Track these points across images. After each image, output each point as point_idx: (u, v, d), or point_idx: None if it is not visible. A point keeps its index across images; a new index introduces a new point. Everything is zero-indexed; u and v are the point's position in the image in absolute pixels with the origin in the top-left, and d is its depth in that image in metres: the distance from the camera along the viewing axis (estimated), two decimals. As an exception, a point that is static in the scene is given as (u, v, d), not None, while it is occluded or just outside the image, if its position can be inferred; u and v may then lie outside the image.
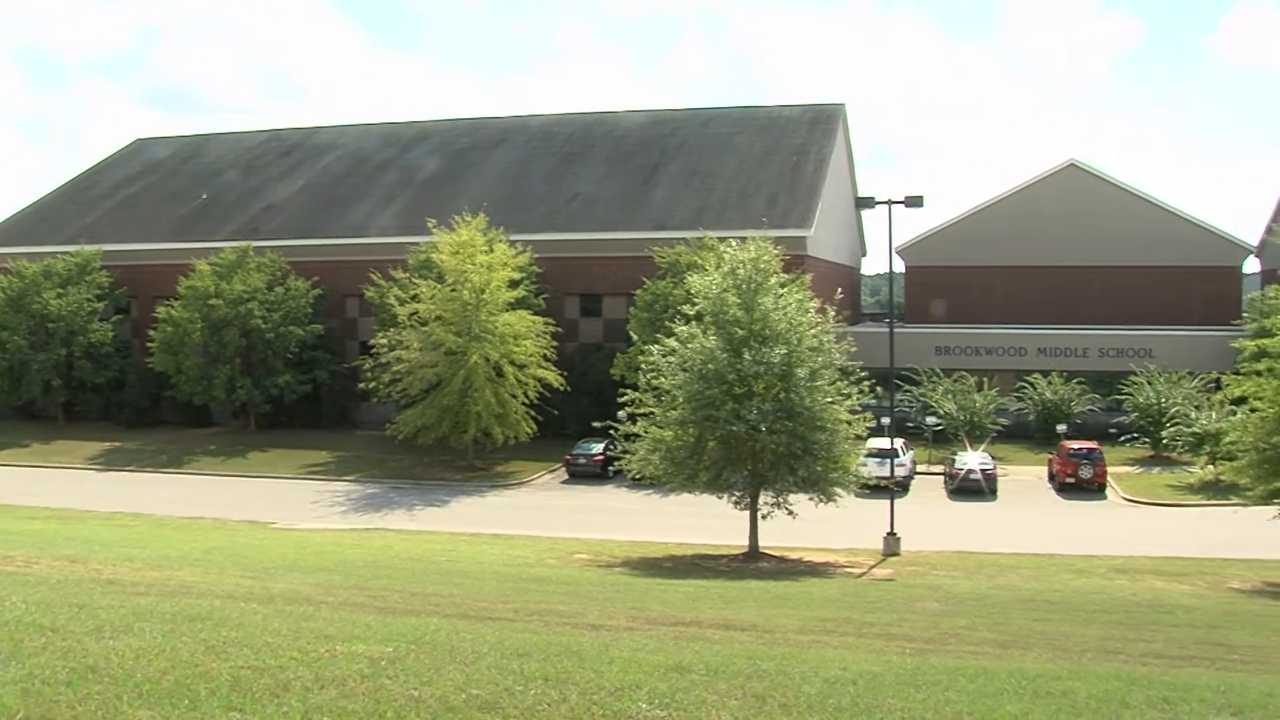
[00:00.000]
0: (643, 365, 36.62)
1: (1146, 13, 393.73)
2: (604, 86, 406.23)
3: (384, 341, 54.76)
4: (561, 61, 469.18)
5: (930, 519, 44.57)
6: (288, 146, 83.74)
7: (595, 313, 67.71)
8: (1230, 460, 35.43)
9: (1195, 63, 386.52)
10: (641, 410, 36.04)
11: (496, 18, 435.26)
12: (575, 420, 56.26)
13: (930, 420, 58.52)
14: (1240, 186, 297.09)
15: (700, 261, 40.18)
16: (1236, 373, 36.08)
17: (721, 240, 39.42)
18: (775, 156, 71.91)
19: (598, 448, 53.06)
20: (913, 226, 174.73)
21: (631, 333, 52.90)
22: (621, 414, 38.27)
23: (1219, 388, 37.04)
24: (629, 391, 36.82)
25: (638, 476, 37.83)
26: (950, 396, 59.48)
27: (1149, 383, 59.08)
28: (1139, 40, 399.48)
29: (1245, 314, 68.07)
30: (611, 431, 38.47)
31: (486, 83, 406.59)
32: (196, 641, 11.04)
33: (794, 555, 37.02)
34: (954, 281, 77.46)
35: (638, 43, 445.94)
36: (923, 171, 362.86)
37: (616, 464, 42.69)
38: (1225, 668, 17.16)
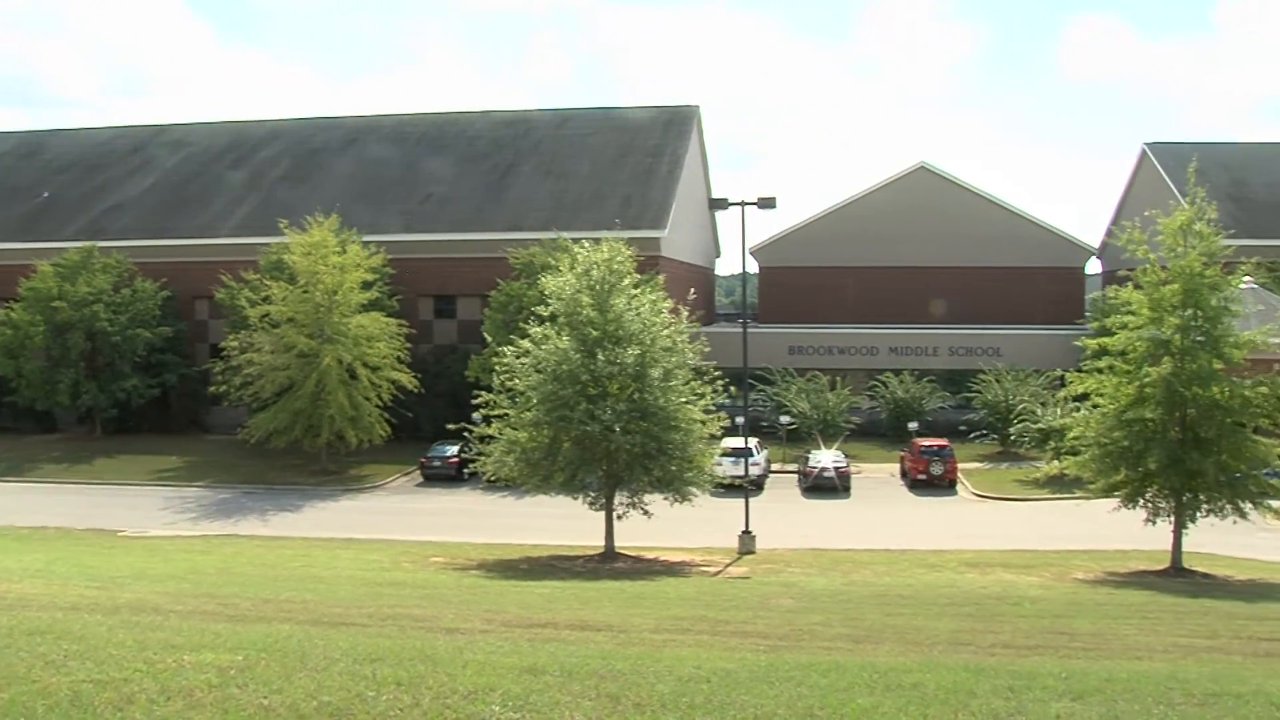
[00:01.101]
0: (497, 367, 36.47)
1: (992, 18, 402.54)
2: (458, 86, 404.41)
3: (235, 344, 53.84)
4: (414, 60, 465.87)
5: (785, 517, 45.04)
6: (134, 144, 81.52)
7: (449, 314, 67.36)
8: (1074, 455, 36.25)
9: (1039, 68, 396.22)
10: (496, 412, 35.90)
11: (347, 14, 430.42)
12: (430, 422, 55.93)
13: (784, 419, 59.18)
14: (1083, 189, 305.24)
15: (554, 262, 40.13)
16: (1079, 370, 36.92)
17: (576, 241, 39.38)
18: (630, 158, 72.11)
19: (452, 450, 52.74)
20: (766, 227, 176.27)
21: (486, 334, 52.67)
22: (476, 416, 38.10)
23: (1063, 385, 37.92)
24: (483, 393, 36.63)
25: (493, 478, 37.69)
26: (804, 395, 60.24)
27: (997, 381, 60.47)
28: (985, 45, 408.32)
29: (1088, 313, 70.07)
30: (466, 433, 38.29)
31: (338, 81, 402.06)
32: (35, 656, 10.80)
33: (650, 555, 37.16)
34: (807, 282, 78.36)
35: (492, 42, 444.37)
36: (776, 173, 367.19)
37: (471, 466, 42.47)
38: (1068, 655, 17.64)
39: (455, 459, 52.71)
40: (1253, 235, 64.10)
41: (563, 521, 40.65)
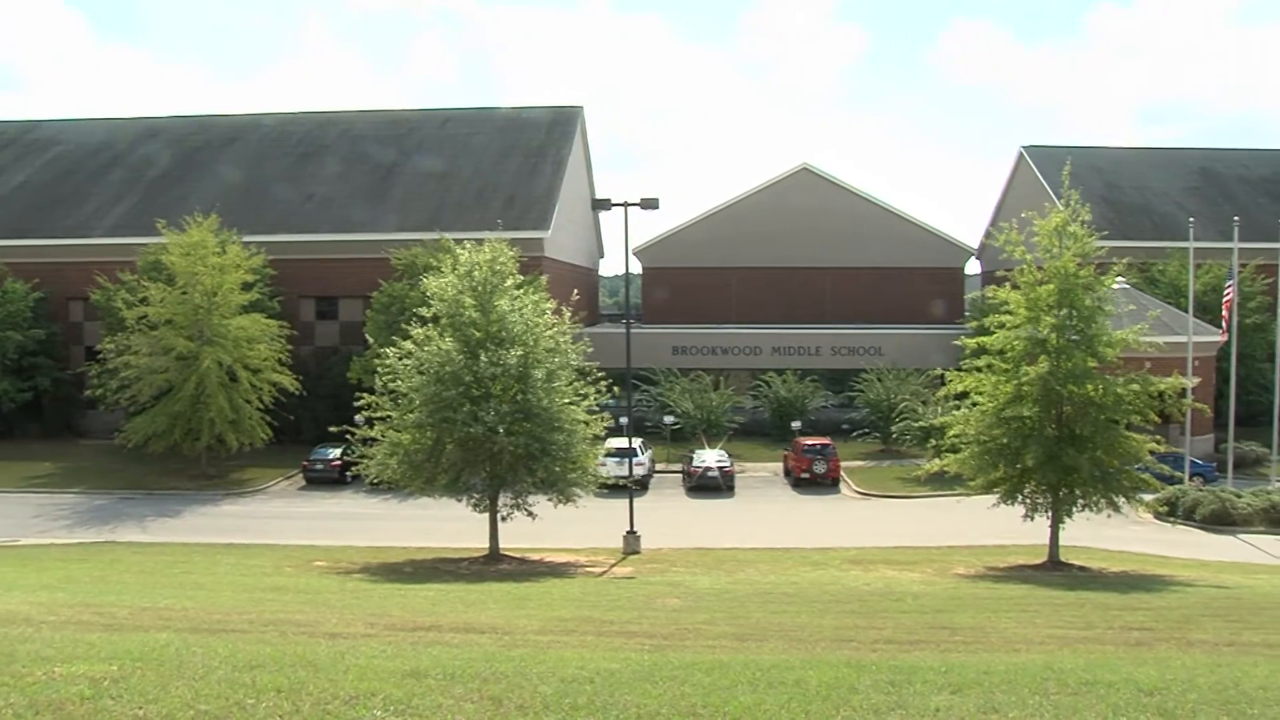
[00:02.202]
0: (379, 368, 36.10)
1: (873, 22, 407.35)
2: (340, 85, 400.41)
3: (111, 346, 52.69)
4: (296, 58, 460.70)
5: (669, 516, 45.25)
6: (4, 141, 79.38)
7: (332, 315, 66.75)
8: (954, 453, 36.77)
9: (919, 72, 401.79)
10: (379, 414, 35.55)
11: (227, 11, 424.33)
12: (312, 425, 55.34)
13: (668, 419, 59.42)
14: (962, 191, 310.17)
15: (437, 263, 39.79)
16: (959, 369, 37.47)
17: (459, 242, 39.10)
18: (513, 158, 71.97)
19: (335, 453, 52.17)
20: (649, 228, 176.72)
21: (368, 335, 52.19)
22: (359, 418, 37.70)
23: (943, 383, 38.47)
24: (366, 395, 36.26)
25: (376, 481, 37.28)
26: (687, 395, 60.49)
27: (878, 380, 61.24)
28: (867, 48, 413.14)
29: (967, 313, 71.19)
30: (349, 436, 37.88)
31: (218, 78, 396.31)
32: (-109, 678, 10.47)
33: (535, 556, 37.06)
34: (690, 282, 78.79)
35: (374, 42, 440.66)
36: (660, 174, 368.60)
37: (354, 469, 41.99)
38: (949, 649, 17.91)
39: (338, 462, 52.16)
40: (1125, 237, 65.69)
41: (447, 524, 40.46)
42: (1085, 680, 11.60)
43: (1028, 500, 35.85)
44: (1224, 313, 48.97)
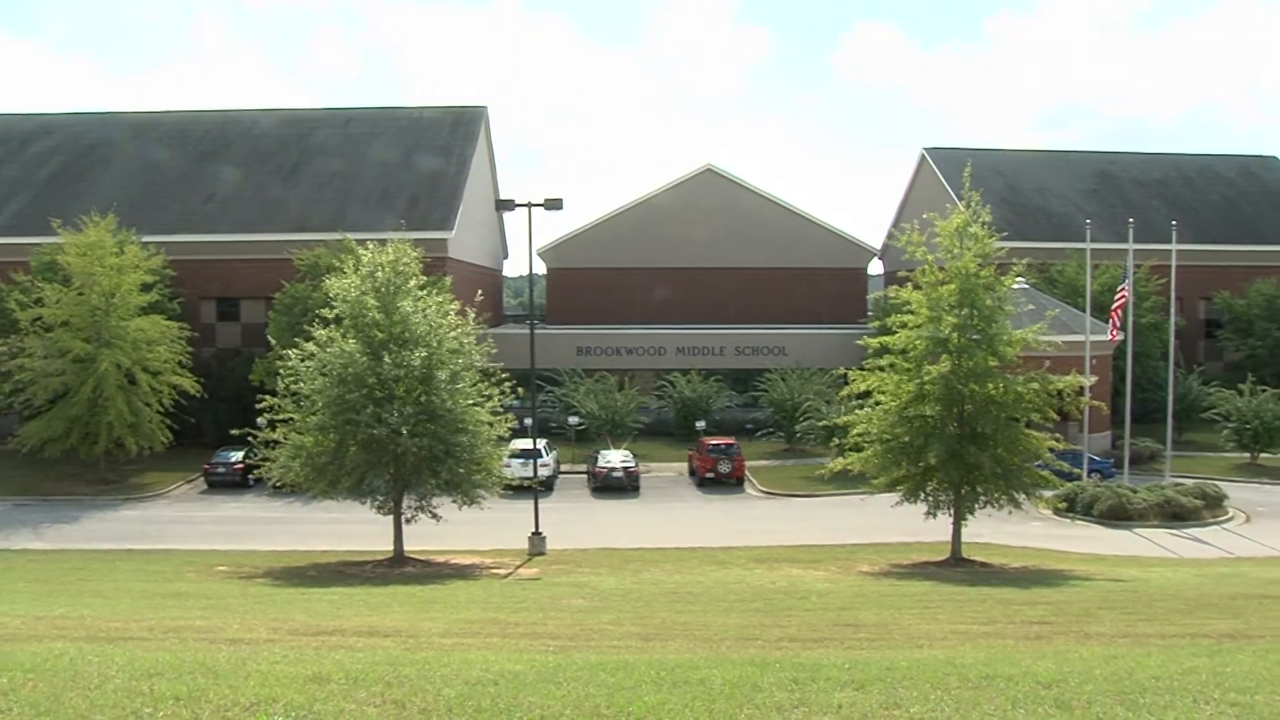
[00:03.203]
0: (282, 370, 35.74)
1: (777, 24, 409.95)
2: (241, 83, 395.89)
3: (4, 349, 51.58)
4: (196, 56, 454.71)
5: (575, 517, 45.25)
6: (-112, 138, 77.52)
7: (233, 317, 65.99)
8: (857, 451, 37.09)
9: (823, 74, 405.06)
10: (281, 416, 35.16)
11: (123, 6, 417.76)
12: (213, 428, 54.67)
13: (573, 420, 59.39)
14: (865, 192, 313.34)
15: (340, 264, 39.45)
16: (862, 368, 37.80)
17: (361, 242, 38.80)
18: (417, 158, 71.54)
19: (237, 456, 51.57)
20: (554, 228, 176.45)
21: (271, 337, 51.67)
22: (261, 420, 37.22)
23: (846, 383, 38.79)
24: (268, 397, 35.84)
25: (279, 484, 36.92)
26: (592, 396, 60.51)
27: (782, 379, 61.64)
28: (771, 50, 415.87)
29: (870, 313, 71.82)
30: (251, 439, 37.42)
31: (114, 75, 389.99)
32: None
33: (440, 558, 36.90)
34: (595, 283, 78.78)
35: (275, 40, 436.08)
36: (564, 173, 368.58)
37: (257, 472, 41.48)
38: (853, 646, 18.05)
39: (240, 465, 51.56)
40: (1024, 237, 66.65)
41: (351, 526, 40.21)
42: (985, 674, 11.74)
43: (930, 498, 36.29)
44: (1114, 312, 49.71)
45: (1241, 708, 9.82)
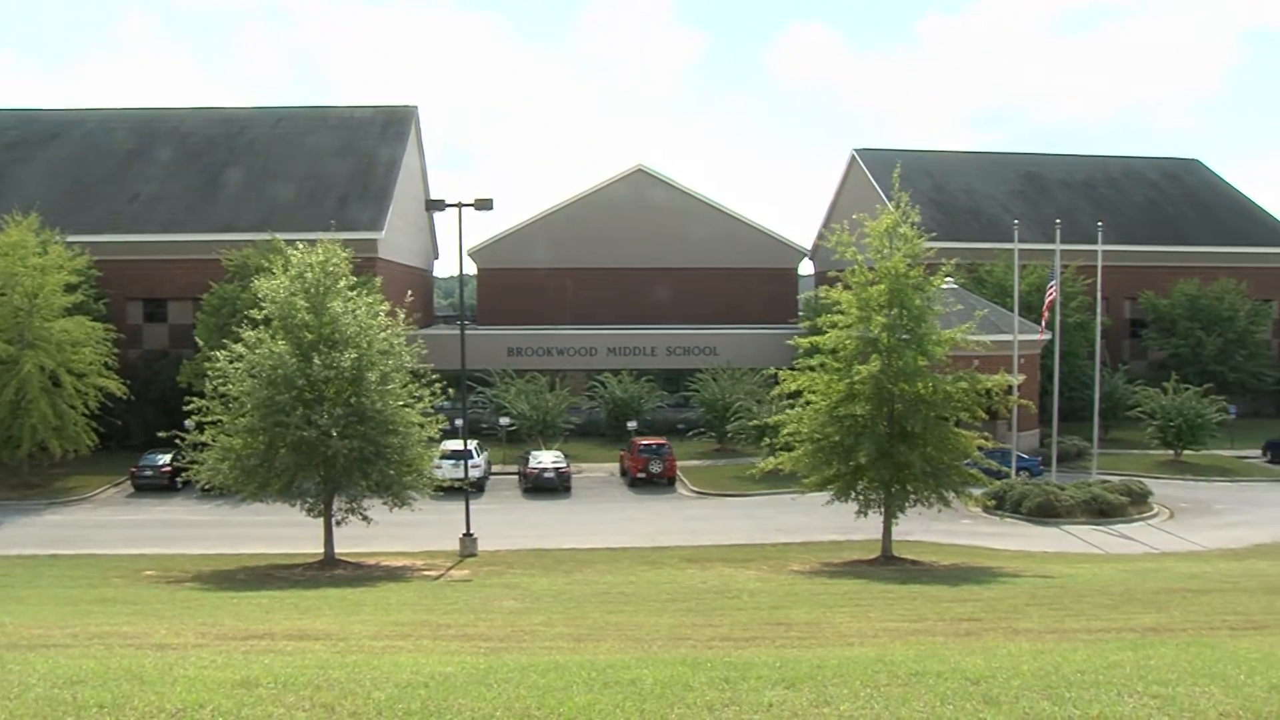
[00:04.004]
0: (210, 372, 35.41)
1: (710, 25, 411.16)
2: (167, 82, 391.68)
3: (-77, 351, 50.78)
4: (120, 53, 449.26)
5: (506, 518, 45.22)
6: None
7: (160, 318, 65.38)
8: (788, 451, 37.25)
9: (755, 75, 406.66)
10: (210, 418, 34.83)
11: (46, 0, 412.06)
12: (141, 430, 54.11)
13: (504, 421, 59.26)
14: (796, 192, 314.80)
15: (269, 264, 39.12)
16: (793, 368, 37.97)
17: (290, 243, 38.45)
18: (347, 158, 71.17)
19: (165, 458, 51.01)
20: (485, 229, 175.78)
21: (199, 338, 51.17)
22: (189, 423, 36.84)
23: (777, 383, 38.96)
24: (196, 399, 35.47)
25: (207, 487, 36.55)
26: (523, 397, 60.36)
27: (714, 379, 61.81)
28: (704, 51, 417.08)
29: (800, 313, 72.18)
30: (179, 441, 37.02)
31: (37, 72, 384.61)
32: None
33: (371, 560, 36.71)
34: (526, 283, 78.65)
35: (203, 38, 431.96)
36: (495, 173, 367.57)
37: (185, 475, 41.00)
38: (784, 645, 18.11)
39: (168, 468, 50.96)
40: (953, 238, 67.30)
41: (281, 529, 39.92)
42: (915, 671, 11.81)
43: (861, 497, 36.53)
44: (1044, 312, 50.25)
45: (1163, 699, 9.95)
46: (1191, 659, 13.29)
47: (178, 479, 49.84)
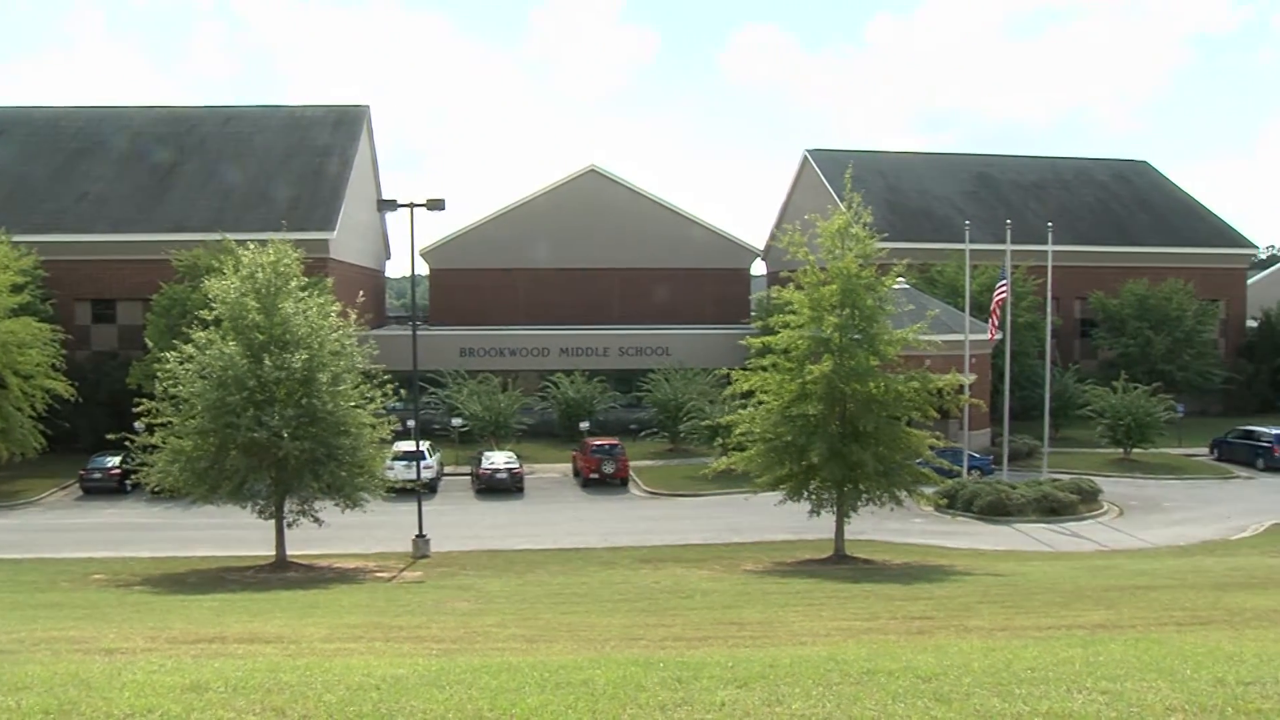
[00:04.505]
0: (160, 373, 35.11)
1: (662, 25, 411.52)
2: (116, 79, 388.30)
3: None
4: (68, 50, 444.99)
5: (459, 519, 45.10)
6: None
7: (109, 319, 64.79)
8: (741, 451, 37.32)
9: (708, 75, 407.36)
10: (160, 420, 34.56)
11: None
12: (89, 433, 53.47)
13: (456, 421, 59.07)
14: (749, 192, 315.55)
15: (219, 265, 38.84)
16: (745, 368, 38.05)
17: (241, 243, 38.21)
18: (298, 158, 70.77)
19: (114, 461, 50.60)
20: (436, 229, 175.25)
21: (148, 339, 50.77)
22: (139, 425, 36.56)
23: (729, 383, 39.04)
24: (146, 401, 35.16)
25: (158, 489, 36.26)
26: (475, 397, 60.20)
27: (666, 380, 61.86)
28: (657, 51, 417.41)
29: (753, 313, 72.32)
30: (128, 443, 36.72)
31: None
32: None
33: (323, 562, 36.54)
34: (478, 284, 78.57)
35: (153, 36, 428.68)
36: (447, 173, 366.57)
37: (135, 477, 40.69)
38: (736, 645, 18.11)
39: (117, 470, 50.56)
40: (905, 238, 67.58)
41: (233, 532, 39.70)
42: (867, 669, 11.85)
43: (813, 496, 36.63)
44: (994, 311, 50.52)
45: (1111, 695, 10.03)
46: (1139, 655, 13.40)
47: (127, 481, 49.48)
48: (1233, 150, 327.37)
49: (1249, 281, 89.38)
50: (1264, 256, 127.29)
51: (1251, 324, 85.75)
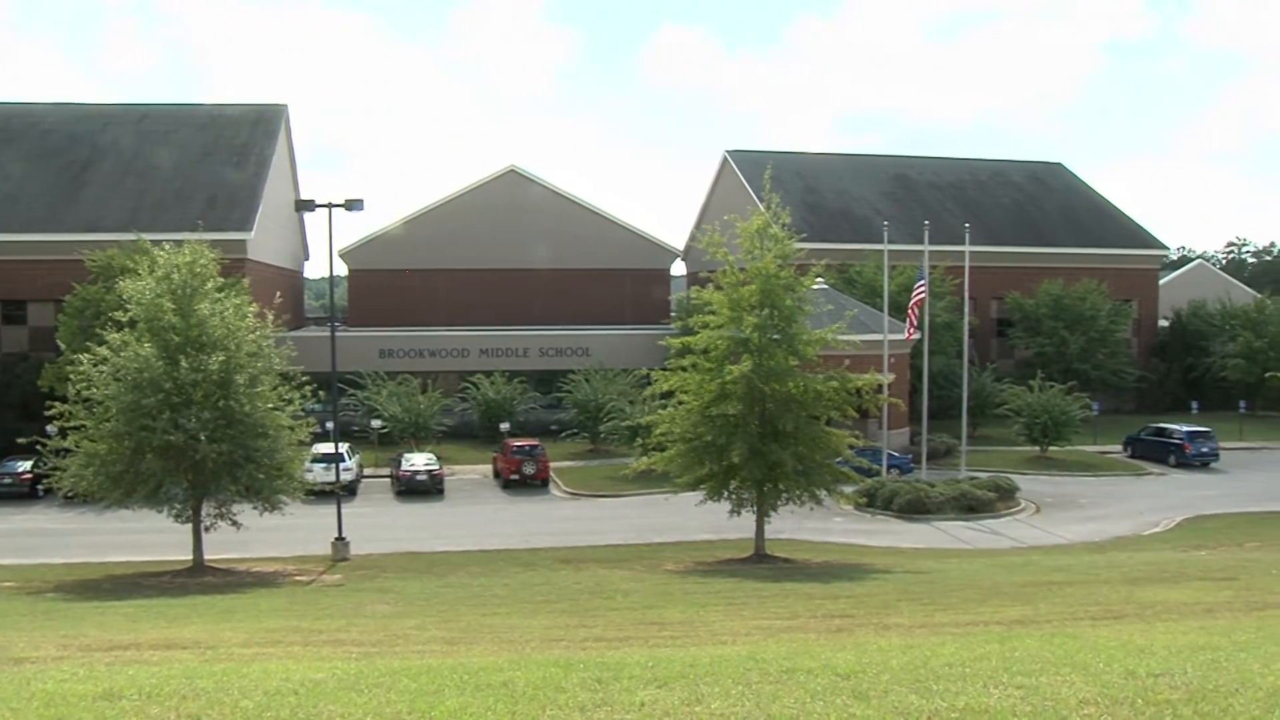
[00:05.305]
0: (73, 376, 34.57)
1: (584, 25, 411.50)
2: (26, 75, 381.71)
3: None
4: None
5: (379, 521, 44.82)
6: None
7: (20, 320, 63.86)
8: (661, 451, 37.39)
9: (629, 75, 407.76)
10: (73, 423, 34.06)
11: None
12: (-1, 436, 52.64)
13: (375, 423, 58.69)
14: (670, 193, 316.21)
15: (134, 265, 38.37)
16: (665, 369, 38.14)
17: (157, 243, 37.78)
18: (215, 157, 69.96)
19: (25, 465, 49.77)
20: (356, 229, 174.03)
21: (61, 341, 50.05)
22: (51, 428, 36.01)
23: (650, 383, 39.10)
24: (58, 404, 34.64)
25: (71, 494, 35.74)
26: (395, 399, 59.87)
27: (586, 380, 61.82)
28: (578, 51, 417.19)
29: (673, 313, 72.49)
30: (40, 447, 36.06)
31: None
32: None
33: (241, 566, 36.15)
34: (398, 284, 78.17)
35: (65, 30, 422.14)
36: (367, 173, 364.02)
37: (47, 482, 39.98)
38: (657, 645, 18.14)
39: (28, 475, 49.75)
40: (824, 239, 68.01)
41: (149, 536, 39.19)
42: (786, 668, 11.90)
43: (733, 496, 36.75)
44: (912, 311, 50.93)
45: (1027, 689, 10.15)
46: (1054, 649, 13.58)
47: (39, 486, 48.61)
48: (1145, 153, 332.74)
49: (1160, 282, 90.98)
50: (1175, 258, 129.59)
51: (1163, 324, 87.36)
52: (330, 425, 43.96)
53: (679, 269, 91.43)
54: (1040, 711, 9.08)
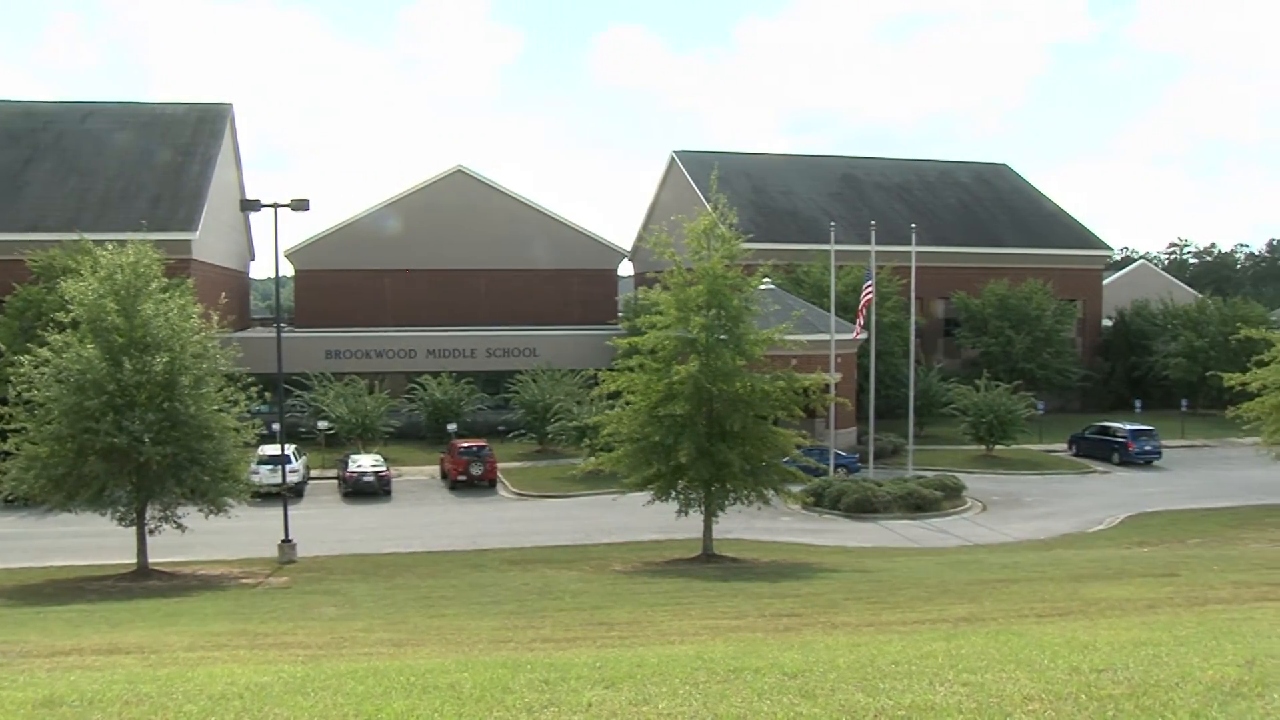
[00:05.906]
0: (13, 378, 34.20)
1: (530, 25, 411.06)
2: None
3: None
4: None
5: (326, 523, 44.58)
6: None
7: (-41, 322, 62.81)
8: (609, 451, 37.41)
9: (575, 75, 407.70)
10: (13, 426, 33.70)
11: None
12: (-63, 440, 51.93)
13: (322, 424, 58.44)
14: (617, 194, 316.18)
15: (77, 265, 38.01)
16: (612, 369, 38.16)
17: (100, 243, 37.45)
18: (159, 156, 69.39)
19: (-36, 469, 49.06)
20: (302, 229, 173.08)
21: (1, 343, 49.40)
22: (-10, 431, 35.62)
23: (597, 383, 39.12)
24: (-1, 407, 34.31)
25: (11, 498, 35.43)
26: (342, 400, 59.59)
27: (534, 381, 61.74)
28: (524, 51, 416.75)
29: (620, 314, 72.52)
30: (-21, 451, 35.72)
31: None
32: None
33: (187, 570, 35.86)
34: (344, 285, 77.80)
35: (3, 26, 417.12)
36: (314, 173, 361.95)
37: (-13, 485, 39.61)
38: (605, 645, 18.12)
39: (-33, 479, 48.99)
40: (771, 239, 68.34)
41: (92, 539, 38.82)
42: (734, 667, 11.90)
43: (681, 496, 36.75)
44: (860, 311, 51.17)
45: (973, 686, 10.20)
46: (1000, 647, 13.66)
47: (-21, 490, 47.98)
48: (1089, 155, 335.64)
49: (1104, 282, 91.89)
50: (1118, 258, 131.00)
51: (1107, 323, 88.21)
52: (276, 427, 43.68)
53: (626, 269, 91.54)
54: (985, 708, 9.11)
